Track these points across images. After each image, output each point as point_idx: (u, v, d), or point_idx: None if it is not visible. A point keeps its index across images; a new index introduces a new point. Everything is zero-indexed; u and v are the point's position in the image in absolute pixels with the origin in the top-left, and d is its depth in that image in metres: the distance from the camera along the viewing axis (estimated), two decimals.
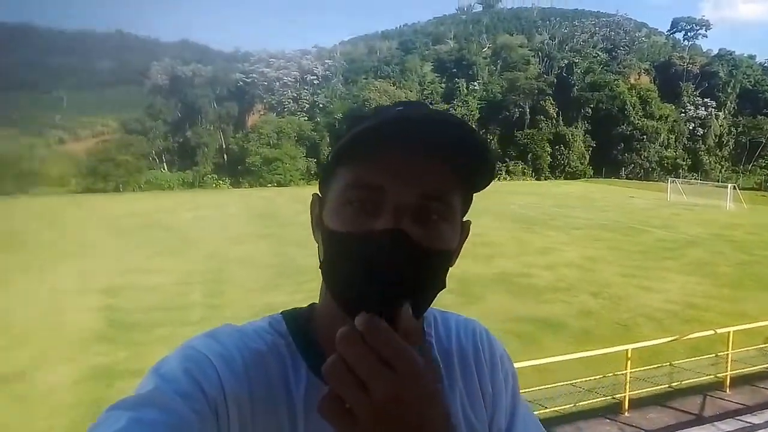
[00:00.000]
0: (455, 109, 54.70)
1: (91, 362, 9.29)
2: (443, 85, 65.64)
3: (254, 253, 18.49)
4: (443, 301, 0.57)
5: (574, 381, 6.97)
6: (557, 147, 55.80)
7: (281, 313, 0.63)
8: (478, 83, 64.17)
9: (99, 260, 17.68)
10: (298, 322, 0.61)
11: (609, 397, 6.86)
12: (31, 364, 9.25)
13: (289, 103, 60.39)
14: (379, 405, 0.40)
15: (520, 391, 0.77)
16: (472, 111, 58.12)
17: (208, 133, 57.00)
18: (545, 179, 54.68)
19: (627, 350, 6.49)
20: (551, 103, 57.67)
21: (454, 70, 66.75)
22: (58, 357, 9.55)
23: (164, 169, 55.58)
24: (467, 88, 63.23)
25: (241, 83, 61.43)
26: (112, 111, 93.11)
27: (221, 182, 51.42)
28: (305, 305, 0.67)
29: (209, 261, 17.43)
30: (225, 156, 56.67)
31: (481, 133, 0.56)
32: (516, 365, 0.80)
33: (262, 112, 60.52)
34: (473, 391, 0.69)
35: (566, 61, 63.29)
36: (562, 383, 6.90)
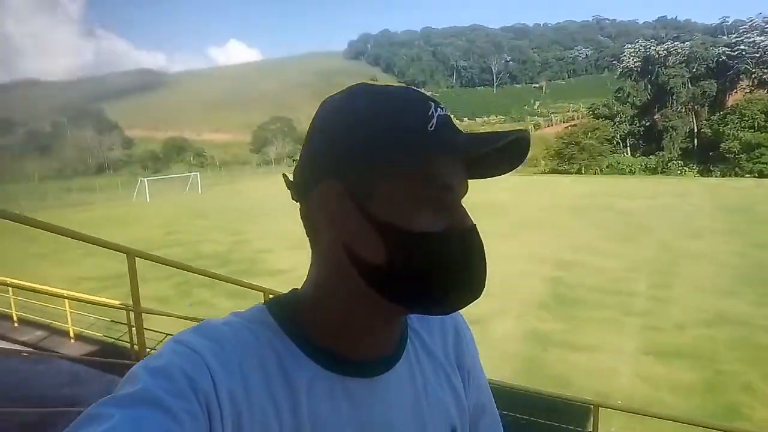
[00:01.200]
0: None
1: (532, 325, 10.43)
2: None
3: (713, 250, 16.45)
4: None
5: None
6: None
7: (264, 303, 0.62)
8: None
9: (554, 234, 19.26)
10: (287, 314, 0.60)
11: None
12: (487, 315, 11.06)
13: None
14: None
15: None
16: None
17: (678, 116, 52.57)
18: None
19: None
20: None
21: None
22: (509, 313, 11.08)
23: (627, 153, 54.75)
24: None
25: (723, 57, 53.77)
26: (584, 96, 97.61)
27: (687, 169, 46.91)
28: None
29: (661, 251, 16.53)
30: (695, 141, 51.28)
31: None
32: None
33: (747, 90, 51.55)
34: (453, 364, 0.69)
35: None
36: None
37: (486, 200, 29.72)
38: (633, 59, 58.76)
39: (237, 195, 38.03)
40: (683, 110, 53.15)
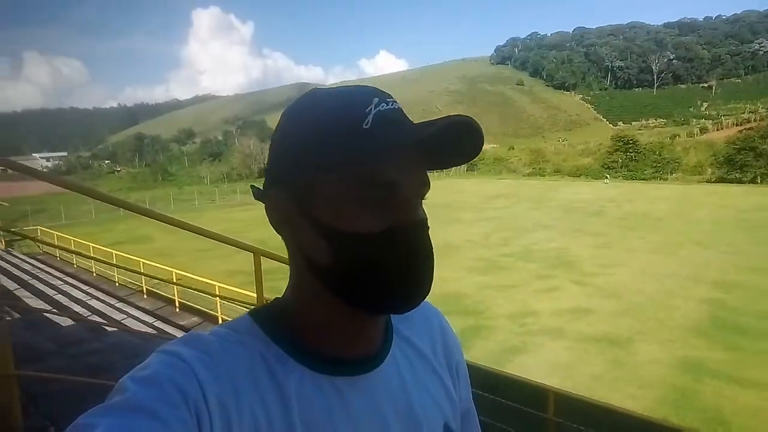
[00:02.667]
0: None
1: (683, 351, 9.31)
2: None
3: None
4: None
5: None
6: None
7: (248, 313, 0.62)
8: None
9: (717, 251, 17.08)
10: (268, 318, 0.60)
11: None
12: (633, 336, 10.13)
13: None
14: None
15: None
16: None
17: None
18: None
19: None
20: None
21: None
22: (657, 336, 10.04)
23: None
24: None
25: None
26: (763, 96, 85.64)
27: None
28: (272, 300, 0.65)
29: None
30: None
31: None
32: None
33: None
34: (442, 363, 0.70)
35: None
36: None
37: (640, 211, 27.47)
38: None
39: None
40: None
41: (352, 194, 0.53)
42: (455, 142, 0.56)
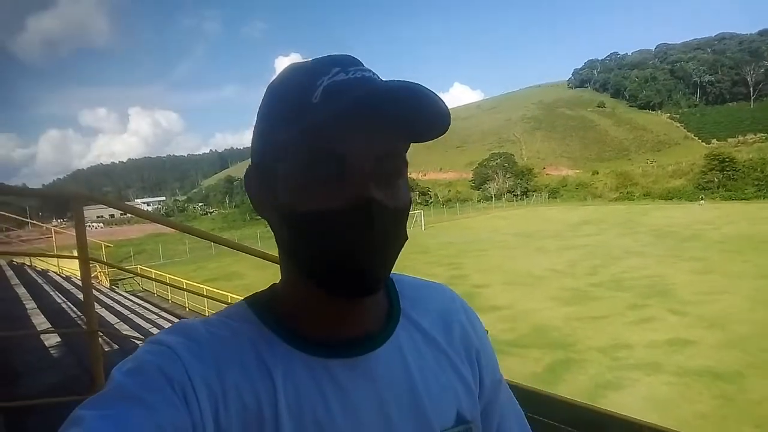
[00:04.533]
0: None
1: None
2: None
3: None
4: None
5: None
6: None
7: (244, 299, 0.62)
8: None
9: None
10: (262, 304, 0.60)
11: None
12: (743, 369, 9.26)
13: None
14: None
15: None
16: None
17: None
18: None
19: None
20: None
21: None
22: None
23: None
24: None
25: None
26: None
27: None
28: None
29: None
30: None
31: None
32: None
33: None
34: (458, 349, 0.66)
35: None
36: None
37: (742, 233, 25.46)
38: None
39: (457, 231, 38.99)
40: None
41: (304, 173, 0.51)
42: (404, 106, 0.50)
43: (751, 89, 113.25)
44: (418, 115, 0.51)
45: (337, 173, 0.51)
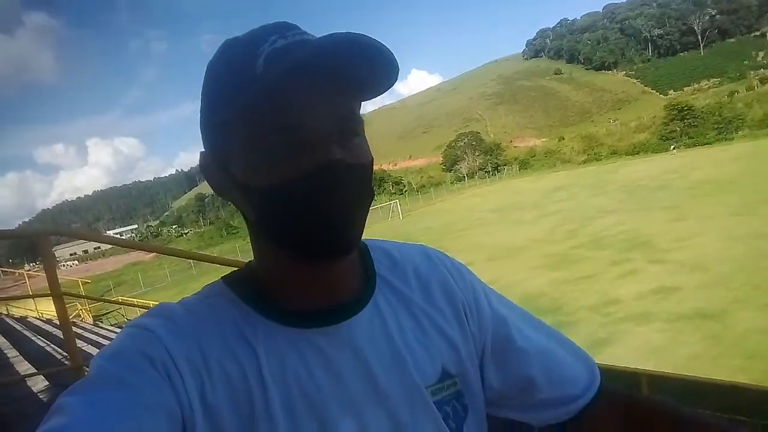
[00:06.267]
0: None
1: None
2: None
3: None
4: None
5: None
6: None
7: (221, 278, 0.61)
8: None
9: None
10: (239, 281, 0.60)
11: None
12: (728, 306, 9.51)
13: None
14: None
15: None
16: None
17: None
18: None
19: None
20: None
21: None
22: (754, 303, 9.37)
23: None
24: None
25: None
26: None
27: None
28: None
29: None
30: None
31: None
32: None
33: None
34: (440, 306, 0.65)
35: None
36: None
37: (709, 177, 26.02)
38: None
39: (434, 215, 39.18)
40: None
41: (258, 146, 0.50)
42: (350, 61, 0.49)
43: (700, 37, 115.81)
44: (368, 65, 0.50)
45: (298, 139, 0.50)
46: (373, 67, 0.51)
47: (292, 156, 0.50)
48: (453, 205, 44.11)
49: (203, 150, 0.58)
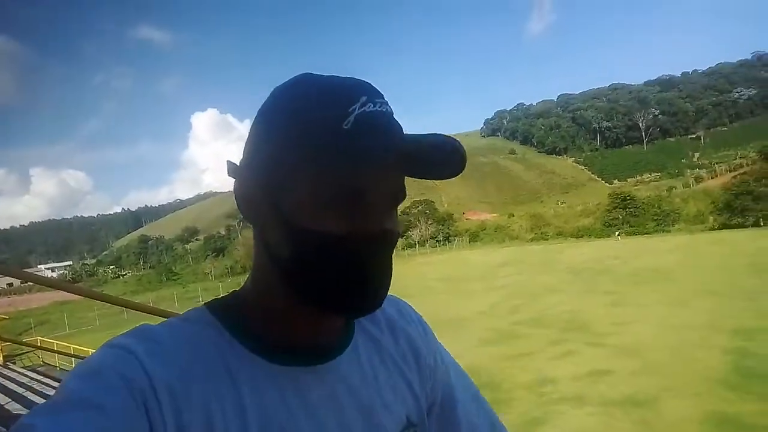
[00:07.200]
0: None
1: (715, 406, 8.80)
2: None
3: None
4: None
5: None
6: None
7: (204, 304, 0.61)
8: None
9: (733, 298, 16.63)
10: (226, 310, 0.59)
11: None
12: (658, 393, 9.64)
13: None
14: None
15: None
16: None
17: None
18: None
19: None
20: None
21: None
22: (684, 392, 9.54)
23: None
24: None
25: None
26: (752, 140, 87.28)
27: None
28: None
29: None
30: None
31: None
32: None
33: None
34: (406, 357, 0.70)
35: None
36: None
37: (648, 265, 27.12)
38: None
39: None
40: None
41: (320, 194, 0.52)
42: (437, 161, 0.53)
43: (643, 133, 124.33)
44: (442, 166, 0.53)
45: (361, 204, 0.52)
46: (445, 168, 0.53)
47: (352, 214, 0.52)
48: (403, 271, 44.07)
49: (233, 163, 0.58)
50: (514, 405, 10.04)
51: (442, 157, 0.52)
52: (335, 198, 0.51)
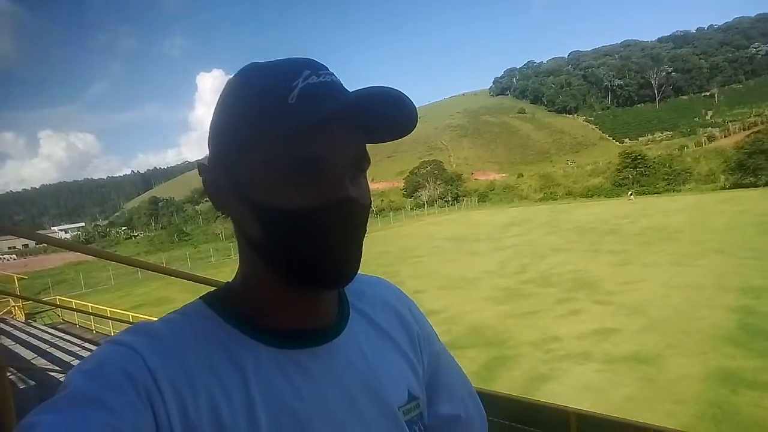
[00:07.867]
0: None
1: (718, 363, 8.99)
2: None
3: None
4: None
5: None
6: None
7: (200, 297, 0.62)
8: None
9: (741, 257, 16.68)
10: (219, 301, 0.61)
11: None
12: (662, 351, 9.83)
13: None
14: None
15: None
16: None
17: None
18: None
19: None
20: None
21: None
22: (688, 350, 9.72)
23: None
24: None
25: None
26: (767, 98, 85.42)
27: None
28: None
29: None
30: None
31: None
32: None
33: None
34: (401, 334, 0.72)
35: None
36: None
37: (656, 225, 27.13)
38: None
39: (391, 239, 39.25)
40: None
41: (278, 171, 0.53)
42: (383, 112, 0.53)
43: (656, 91, 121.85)
44: (393, 121, 0.55)
45: (318, 174, 0.53)
46: (395, 119, 0.55)
47: (311, 185, 0.53)
48: (411, 231, 44.38)
49: (204, 162, 0.60)
50: (520, 361, 10.29)
51: (390, 110, 0.54)
52: (292, 171, 0.52)
